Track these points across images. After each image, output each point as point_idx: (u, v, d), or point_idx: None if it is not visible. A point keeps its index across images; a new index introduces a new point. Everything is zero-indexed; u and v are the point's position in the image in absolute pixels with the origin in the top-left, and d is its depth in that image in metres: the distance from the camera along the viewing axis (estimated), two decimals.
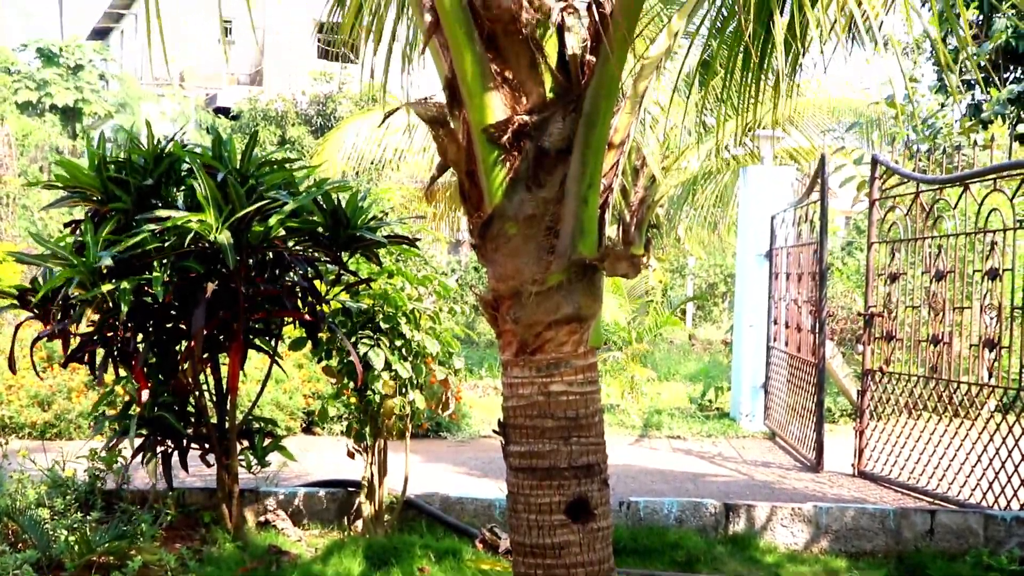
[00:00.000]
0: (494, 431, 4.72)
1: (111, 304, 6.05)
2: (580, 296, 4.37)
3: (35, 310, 6.37)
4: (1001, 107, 11.27)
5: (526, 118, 4.27)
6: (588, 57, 4.31)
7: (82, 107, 37.51)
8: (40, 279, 6.40)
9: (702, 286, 26.24)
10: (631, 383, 14.47)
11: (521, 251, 4.35)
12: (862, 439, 9.91)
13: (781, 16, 5.12)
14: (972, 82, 12.38)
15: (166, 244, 6.04)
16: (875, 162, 9.98)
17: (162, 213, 5.91)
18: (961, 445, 8.44)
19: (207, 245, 6.07)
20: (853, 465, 9.96)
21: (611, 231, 4.92)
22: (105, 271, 5.94)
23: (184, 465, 6.84)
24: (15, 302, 6.39)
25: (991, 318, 8.80)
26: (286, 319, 6.87)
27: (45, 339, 6.45)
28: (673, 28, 4.94)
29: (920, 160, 10.56)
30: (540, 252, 4.35)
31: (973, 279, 8.89)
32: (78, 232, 6.35)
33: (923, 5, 13.19)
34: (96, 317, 6.35)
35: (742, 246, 13.74)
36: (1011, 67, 12.73)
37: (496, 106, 4.26)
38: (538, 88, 4.35)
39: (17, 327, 6.72)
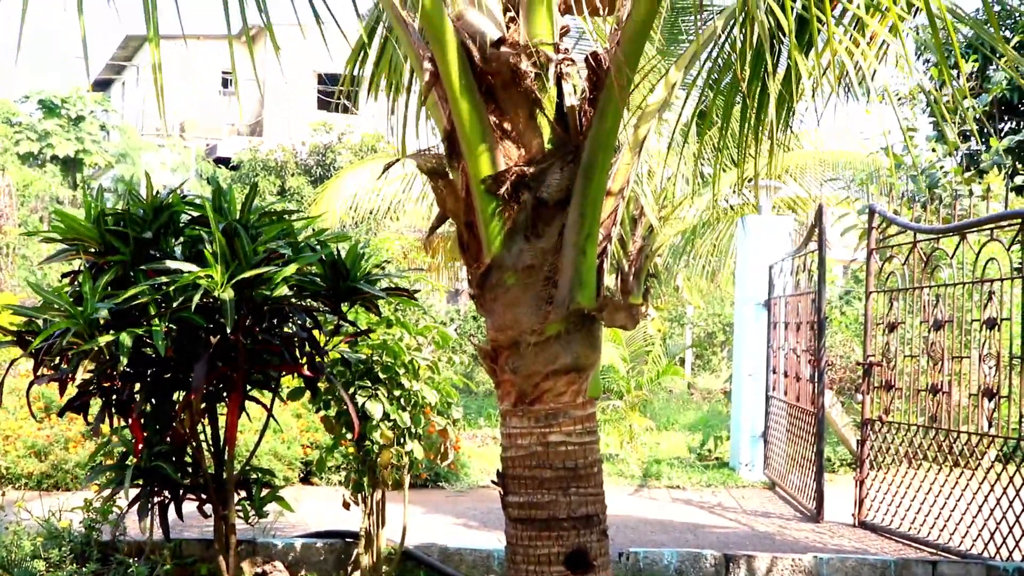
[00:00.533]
0: (493, 482, 4.70)
1: (108, 355, 6.03)
2: (578, 346, 4.37)
3: (32, 353, 6.35)
4: (999, 158, 11.34)
5: (525, 169, 4.29)
6: (586, 108, 4.34)
7: (83, 158, 37.71)
8: (41, 324, 6.39)
9: (701, 335, 26.22)
10: (630, 432, 14.42)
11: (519, 301, 4.35)
12: (862, 489, 9.86)
13: (776, 68, 5.16)
14: (968, 133, 12.47)
15: (164, 292, 6.03)
16: (872, 212, 10.01)
17: (169, 265, 5.90)
18: (962, 495, 8.40)
19: (211, 300, 6.06)
20: (853, 515, 9.90)
21: (609, 280, 4.94)
22: (103, 322, 5.93)
23: (180, 516, 6.81)
24: (13, 338, 6.37)
25: (990, 367, 8.79)
26: (285, 370, 6.85)
27: (43, 385, 6.42)
28: (671, 79, 4.98)
29: (918, 209, 10.60)
30: (538, 302, 4.36)
31: (971, 328, 8.88)
32: (76, 283, 6.34)
33: (918, 58, 13.31)
34: (93, 366, 6.32)
35: (740, 295, 13.75)
36: (1006, 118, 12.83)
37: (495, 157, 4.29)
38: (536, 139, 4.38)
39: (11, 363, 6.70)
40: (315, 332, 6.59)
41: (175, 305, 5.99)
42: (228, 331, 5.85)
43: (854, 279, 23.18)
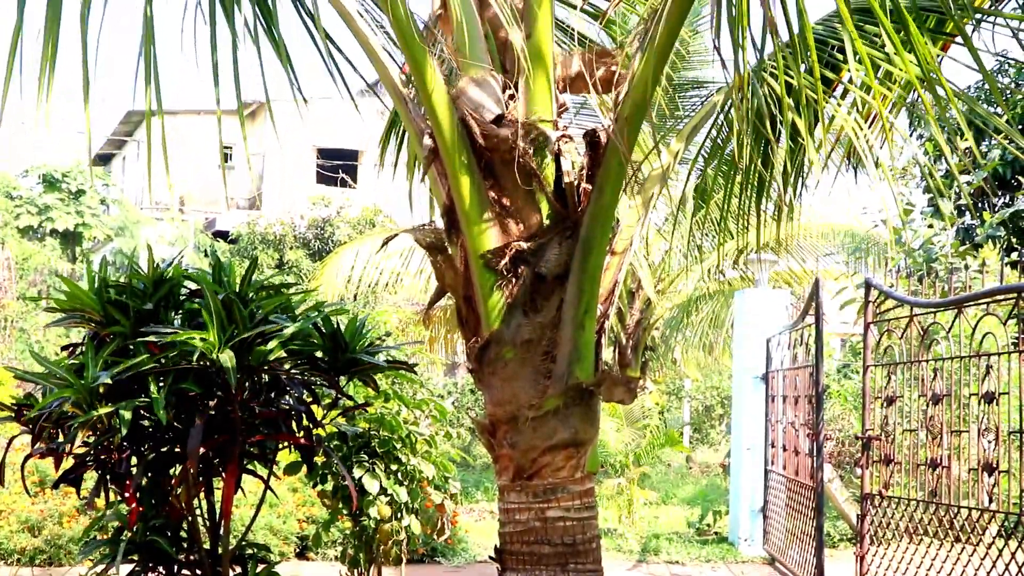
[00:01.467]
0: (491, 557, 4.66)
1: (107, 426, 6.01)
2: (577, 421, 4.37)
3: (29, 424, 6.32)
4: (994, 230, 11.43)
5: (523, 244, 4.32)
6: (584, 185, 4.38)
7: (82, 231, 37.83)
8: (39, 396, 6.37)
9: (699, 408, 26.13)
10: (628, 506, 14.31)
11: (518, 376, 4.36)
12: (863, 565, 9.76)
13: (778, 137, 5.22)
14: (963, 208, 12.57)
15: (163, 362, 6.03)
16: (868, 286, 10.05)
17: (167, 330, 5.92)
18: (964, 571, 8.32)
19: (207, 364, 6.06)
20: None
21: (607, 353, 4.95)
22: (103, 391, 5.92)
23: None
24: (11, 413, 6.34)
25: (990, 441, 8.75)
26: (282, 442, 6.82)
27: (37, 456, 6.38)
28: (673, 149, 5.04)
29: (915, 283, 10.64)
30: (537, 377, 4.36)
31: (970, 402, 8.86)
32: (76, 354, 6.34)
33: (912, 133, 13.44)
34: (91, 438, 6.30)
35: (738, 368, 13.74)
36: (999, 193, 12.95)
37: (494, 233, 4.32)
38: (535, 214, 4.41)
39: (10, 441, 6.66)
40: (313, 406, 6.57)
41: (172, 370, 5.99)
42: (232, 387, 5.84)
43: (852, 352, 23.16)
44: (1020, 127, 13.48)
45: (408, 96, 4.50)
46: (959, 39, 4.70)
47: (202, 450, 6.34)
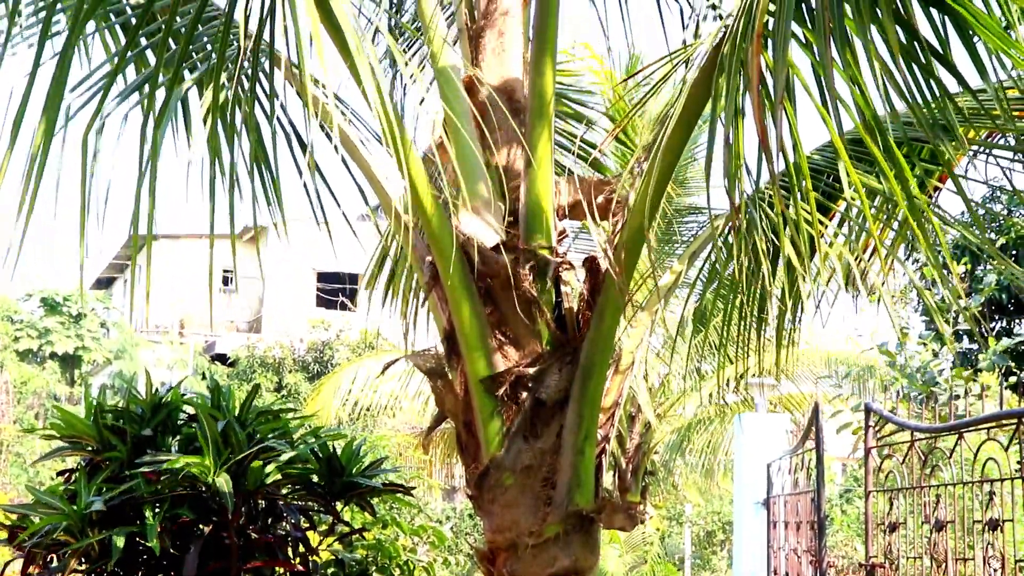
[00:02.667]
0: None
1: (100, 552, 5.92)
2: (577, 548, 4.30)
3: (21, 548, 6.22)
4: (1000, 358, 11.41)
5: (523, 370, 4.31)
6: (584, 311, 4.39)
7: (82, 354, 37.82)
8: (35, 519, 6.29)
9: (700, 534, 25.77)
10: None
11: (518, 502, 4.31)
12: None
13: (777, 261, 5.25)
14: (962, 332, 12.60)
15: (159, 488, 5.97)
16: (868, 411, 9.99)
17: (163, 457, 5.88)
18: None
19: (203, 489, 6.01)
20: None
21: (607, 477, 4.90)
22: (96, 517, 5.85)
23: None
24: (5, 533, 6.25)
25: (995, 570, 8.61)
26: (278, 569, 6.71)
27: None
28: (676, 270, 5.07)
29: (915, 407, 10.60)
30: (537, 503, 4.31)
31: (974, 529, 8.74)
32: (71, 481, 6.28)
33: (907, 258, 13.53)
34: (82, 564, 6.20)
35: (739, 494, 13.60)
36: (996, 317, 13.00)
37: (493, 358, 4.31)
38: (535, 340, 4.41)
39: (5, 566, 6.55)
40: (309, 532, 6.49)
41: (168, 496, 5.92)
42: (229, 512, 5.77)
43: (853, 478, 22.94)
44: (1014, 252, 13.60)
45: (409, 222, 4.53)
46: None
47: None
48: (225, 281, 44.43)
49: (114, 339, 39.08)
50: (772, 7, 3.26)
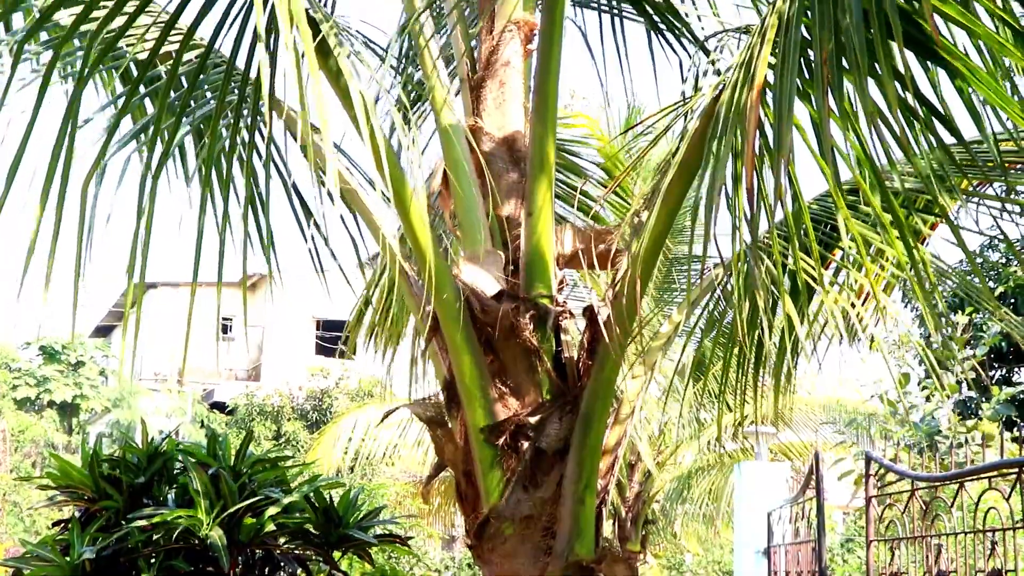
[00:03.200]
0: None
1: None
2: None
3: None
4: (1004, 407, 11.36)
5: (523, 419, 4.29)
6: (584, 360, 4.38)
7: (80, 403, 37.73)
8: (26, 572, 6.24)
9: None
10: None
11: (518, 552, 4.27)
12: None
13: (775, 313, 5.25)
14: (960, 380, 12.56)
15: (154, 539, 5.93)
16: (868, 459, 9.94)
17: (150, 511, 5.84)
18: None
19: (196, 542, 5.96)
20: None
21: (607, 526, 4.86)
22: (89, 568, 5.80)
23: None
24: None
25: None
26: None
27: None
28: (674, 320, 5.06)
29: (916, 455, 10.55)
30: (537, 553, 4.27)
31: None
32: (66, 530, 6.24)
33: (906, 306, 13.55)
34: None
35: (739, 543, 13.51)
36: (996, 365, 12.98)
37: (493, 407, 4.30)
38: (535, 388, 4.39)
39: None
40: None
41: (163, 549, 5.88)
42: (224, 567, 5.72)
43: (855, 527, 22.79)
44: (1012, 300, 13.61)
45: (409, 270, 4.54)
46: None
47: None
48: (224, 329, 44.41)
49: (112, 387, 38.99)
50: (772, 60, 3.28)
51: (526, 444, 4.28)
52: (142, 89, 4.72)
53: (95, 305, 46.04)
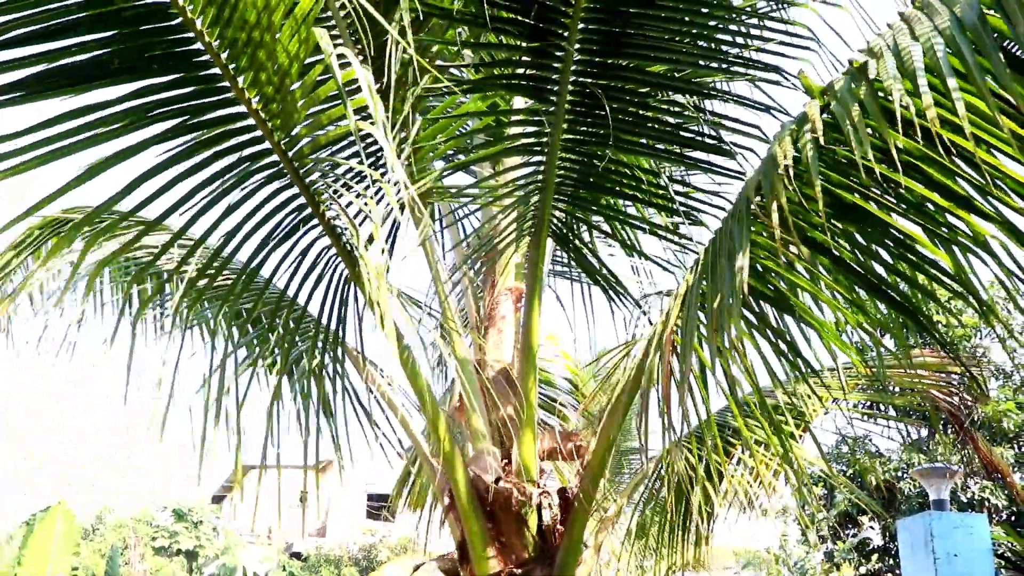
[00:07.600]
0: None
1: None
2: None
3: None
4: (847, 554, 11.21)
5: (514, 570, 4.09)
6: (558, 526, 4.22)
7: (198, 550, 36.39)
8: None
9: None
10: None
11: None
12: None
13: (694, 492, 5.09)
14: (823, 536, 12.43)
15: None
16: None
17: None
18: None
19: None
20: None
21: None
22: None
23: None
24: None
25: None
26: None
27: None
28: (619, 503, 4.89)
29: None
30: None
31: None
32: None
33: (785, 485, 13.27)
34: None
35: None
36: (849, 525, 12.71)
37: (493, 562, 4.11)
38: (523, 547, 4.20)
39: None
40: None
41: None
42: None
43: None
44: (859, 479, 13.33)
45: (433, 461, 4.42)
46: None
47: None
48: (301, 499, 43.11)
49: (222, 540, 37.68)
50: (679, 322, 3.31)
51: None
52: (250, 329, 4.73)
53: (214, 478, 45.09)
